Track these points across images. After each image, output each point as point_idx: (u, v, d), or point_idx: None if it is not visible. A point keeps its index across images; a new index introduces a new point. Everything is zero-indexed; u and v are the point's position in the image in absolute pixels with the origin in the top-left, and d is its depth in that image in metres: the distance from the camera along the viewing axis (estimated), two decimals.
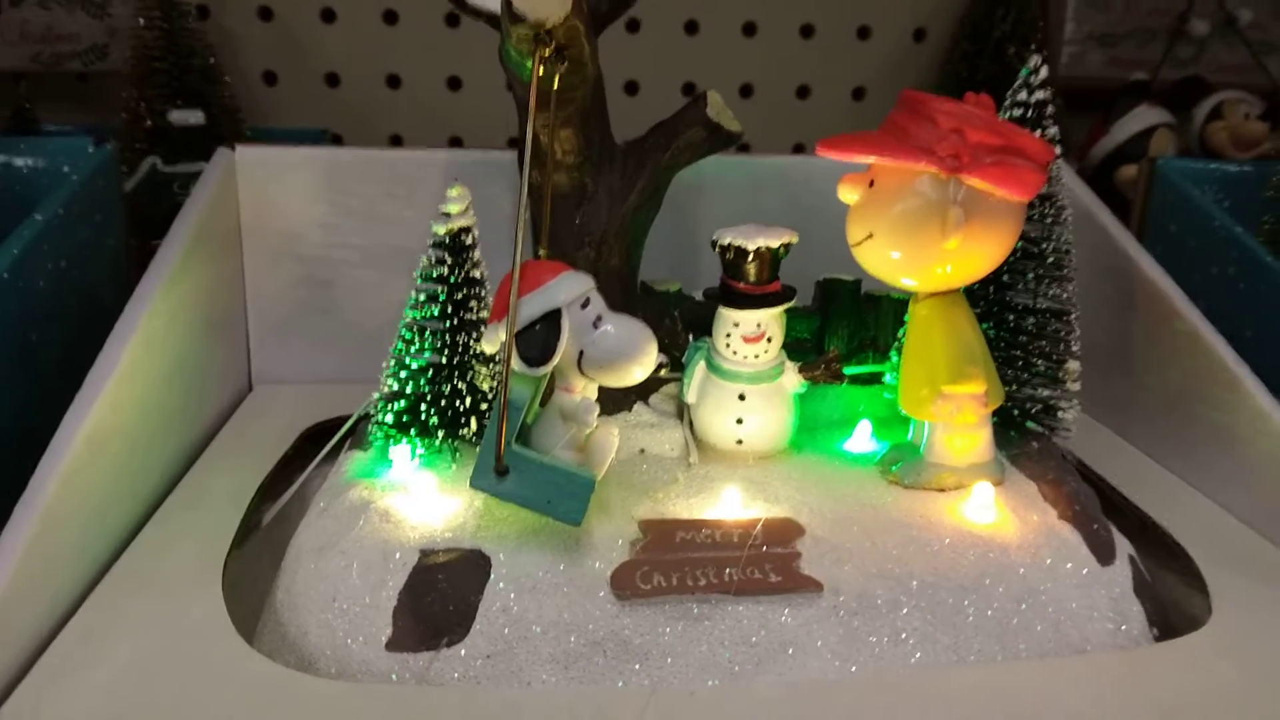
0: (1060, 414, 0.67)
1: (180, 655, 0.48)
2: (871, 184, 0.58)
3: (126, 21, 1.12)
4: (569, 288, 0.53)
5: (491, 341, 0.55)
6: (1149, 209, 0.89)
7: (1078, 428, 0.68)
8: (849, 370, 0.69)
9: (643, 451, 0.66)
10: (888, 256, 0.58)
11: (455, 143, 1.33)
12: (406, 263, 0.80)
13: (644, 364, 0.54)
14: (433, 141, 1.32)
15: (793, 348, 0.67)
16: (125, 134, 1.04)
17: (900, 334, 0.68)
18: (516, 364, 0.53)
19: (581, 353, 0.54)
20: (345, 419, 0.68)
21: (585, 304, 0.54)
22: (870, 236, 0.58)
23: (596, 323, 0.54)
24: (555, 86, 0.57)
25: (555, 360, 0.52)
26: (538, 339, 0.52)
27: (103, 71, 1.17)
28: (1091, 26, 1.30)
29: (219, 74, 1.10)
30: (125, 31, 1.12)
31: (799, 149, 1.36)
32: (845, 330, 0.73)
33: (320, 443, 0.68)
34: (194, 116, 1.01)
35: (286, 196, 0.80)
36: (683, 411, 0.69)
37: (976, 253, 0.57)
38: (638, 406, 0.69)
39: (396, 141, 1.34)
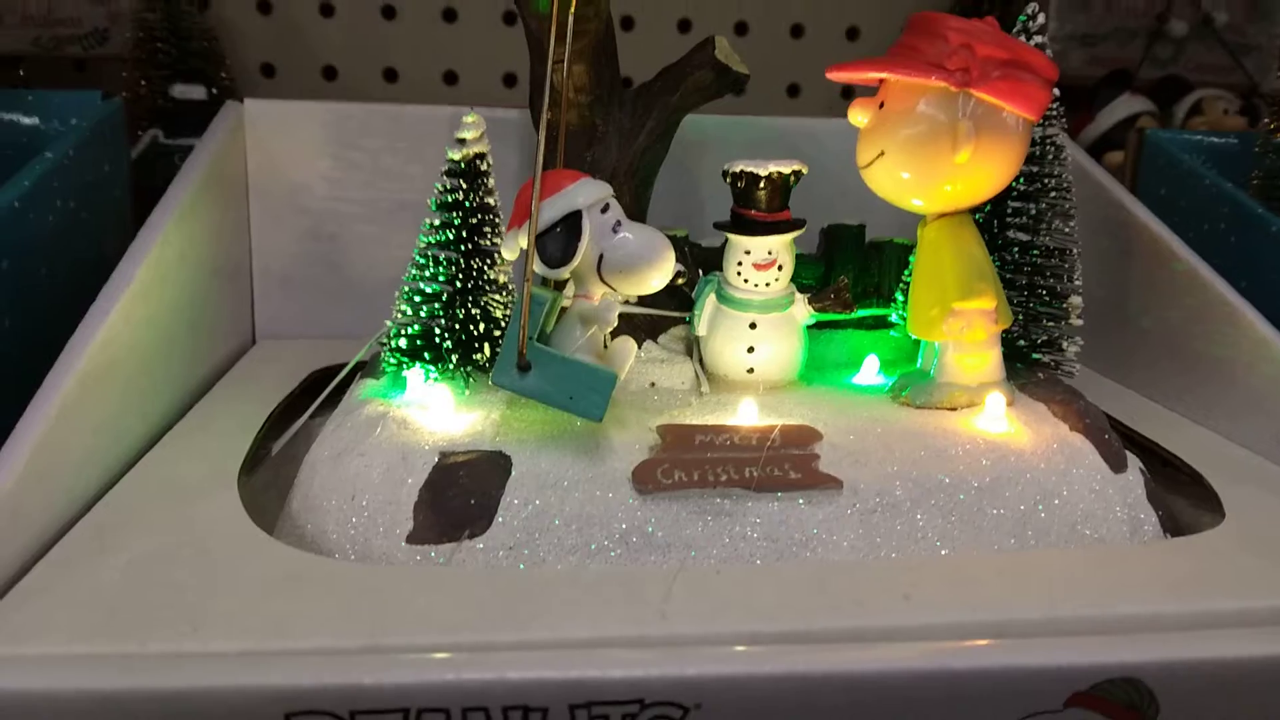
0: (1064, 347, 0.68)
1: (195, 544, 0.47)
2: (882, 105, 0.59)
3: (127, 5, 1.13)
4: (589, 192, 0.54)
5: (510, 248, 0.55)
6: (1138, 177, 0.92)
7: (1079, 379, 0.69)
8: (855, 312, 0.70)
9: (653, 385, 0.67)
10: (898, 176, 0.59)
11: (450, 76, 1.33)
12: (410, 218, 0.81)
13: (662, 270, 0.54)
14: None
15: None
16: (127, 112, 1.04)
17: (905, 274, 0.69)
18: (537, 266, 0.53)
19: (601, 257, 0.54)
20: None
21: (605, 209, 0.54)
22: (881, 155, 0.59)
23: (615, 228, 0.54)
24: (572, 11, 0.58)
25: (576, 261, 0.53)
26: (559, 240, 0.53)
27: (102, 56, 1.18)
28: (1073, 26, 1.34)
29: (219, 56, 1.11)
30: (126, 16, 1.13)
31: (794, 90, 1.36)
32: (850, 276, 0.73)
33: (328, 385, 0.68)
34: (196, 91, 1.02)
35: (293, 149, 0.81)
36: (692, 349, 0.69)
37: (984, 171, 0.58)
38: (647, 344, 0.69)
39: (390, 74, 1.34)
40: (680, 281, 0.56)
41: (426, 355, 0.62)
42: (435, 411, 0.57)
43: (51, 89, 1.19)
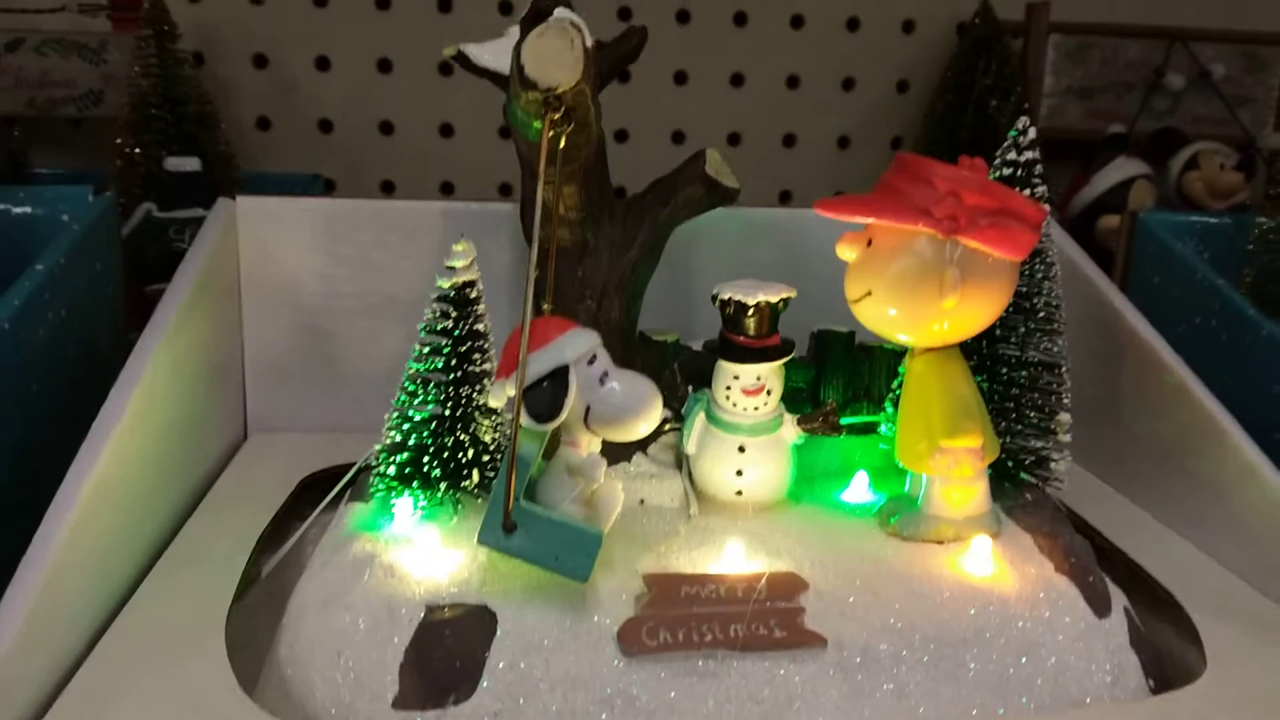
0: (1052, 465, 0.68)
1: (183, 716, 0.47)
2: (870, 243, 0.59)
3: (122, 68, 1.13)
4: (576, 345, 0.54)
5: (498, 398, 0.55)
6: (1131, 261, 0.92)
7: (1069, 477, 0.69)
8: (844, 420, 0.70)
9: (643, 502, 0.67)
10: (885, 314, 0.59)
11: (446, 187, 1.35)
12: (402, 312, 0.81)
13: (649, 420, 0.55)
14: (424, 186, 1.34)
15: (788, 397, 0.68)
16: (120, 180, 1.05)
17: (895, 385, 0.69)
18: (524, 419, 0.53)
19: (588, 409, 0.54)
20: (343, 468, 0.68)
21: (592, 360, 0.55)
22: (869, 294, 0.59)
23: (603, 379, 0.54)
24: (561, 146, 0.58)
25: (563, 416, 0.53)
26: (546, 395, 0.53)
27: (96, 117, 1.18)
28: (1070, 80, 1.34)
29: (214, 120, 1.11)
30: (120, 78, 1.14)
31: (785, 196, 1.38)
32: (840, 380, 0.74)
33: (318, 492, 0.68)
34: (189, 164, 1.02)
35: (285, 246, 0.80)
36: (682, 461, 0.69)
37: (973, 311, 0.58)
38: (637, 457, 0.69)
39: (388, 187, 1.35)
40: (667, 429, 0.56)
41: (415, 482, 0.62)
42: (422, 551, 0.57)
43: (46, 146, 1.21)
